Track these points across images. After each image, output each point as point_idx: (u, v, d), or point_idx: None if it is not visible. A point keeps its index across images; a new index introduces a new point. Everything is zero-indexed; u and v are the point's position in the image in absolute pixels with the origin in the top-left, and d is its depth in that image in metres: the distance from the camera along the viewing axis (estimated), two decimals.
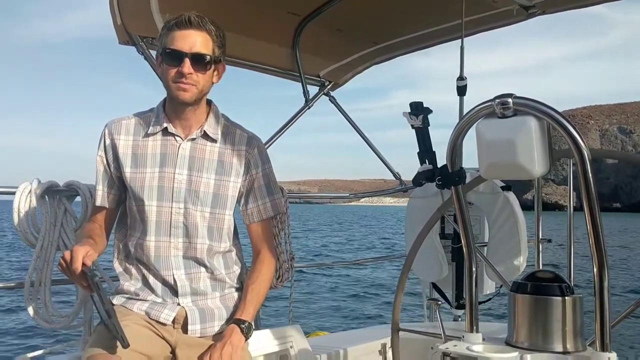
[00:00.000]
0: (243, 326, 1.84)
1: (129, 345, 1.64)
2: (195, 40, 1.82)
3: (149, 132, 1.93)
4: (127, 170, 1.91)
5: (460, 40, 3.19)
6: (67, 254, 1.63)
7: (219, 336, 1.88)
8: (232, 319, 1.88)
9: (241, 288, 2.05)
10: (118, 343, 1.69)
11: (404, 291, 2.24)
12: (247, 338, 1.84)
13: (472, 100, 1.57)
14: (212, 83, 1.93)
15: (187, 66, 1.81)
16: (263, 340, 2.32)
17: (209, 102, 1.99)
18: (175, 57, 1.81)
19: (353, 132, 3.82)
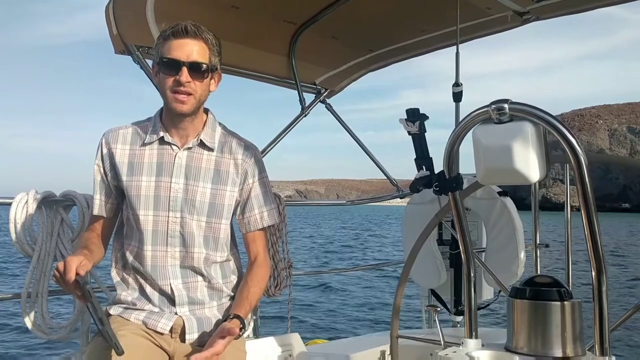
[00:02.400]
0: (241, 320, 1.81)
1: (123, 352, 1.63)
2: (192, 49, 1.83)
3: (145, 141, 1.93)
4: (124, 179, 1.91)
5: (455, 46, 3.21)
6: (61, 265, 1.63)
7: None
8: (230, 315, 1.83)
9: None
10: (114, 353, 1.68)
11: (402, 298, 2.23)
12: (242, 334, 1.82)
13: (481, 101, 1.57)
14: (209, 92, 1.93)
15: (184, 75, 1.81)
16: (262, 349, 2.32)
17: (206, 111, 1.99)
18: (172, 66, 1.82)
19: (360, 132, 3.86)
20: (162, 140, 1.92)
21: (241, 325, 1.80)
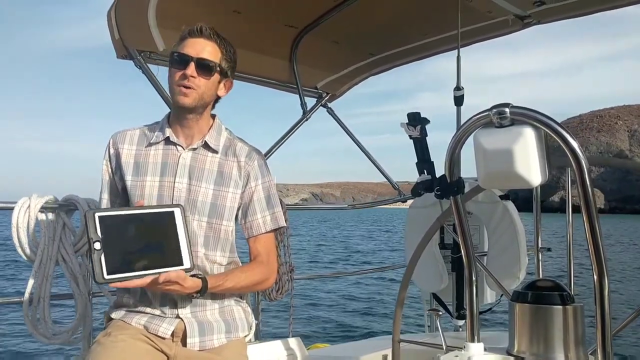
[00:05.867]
0: (203, 285, 1.78)
1: (103, 280, 1.62)
2: (204, 48, 1.89)
3: (151, 141, 1.96)
4: (128, 179, 1.93)
5: (456, 50, 3.21)
6: None
7: (218, 349, 1.87)
8: (200, 275, 1.81)
9: (241, 301, 2.04)
10: (116, 358, 1.70)
11: (404, 302, 2.23)
12: (196, 294, 1.79)
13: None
14: (218, 95, 1.97)
15: (191, 69, 1.86)
16: (264, 353, 2.32)
17: (213, 116, 2.03)
18: (181, 60, 1.88)
19: (376, 135, 3.86)
20: (167, 141, 1.96)
21: (198, 289, 1.77)
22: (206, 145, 1.96)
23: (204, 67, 1.88)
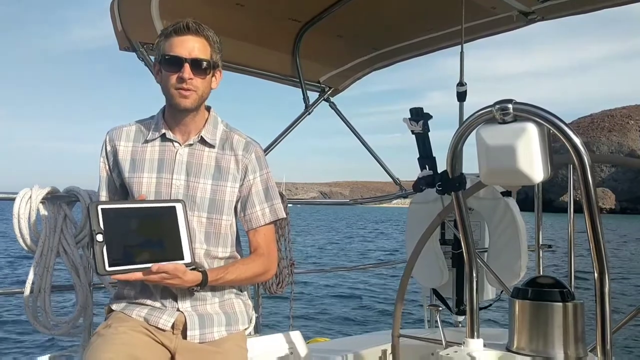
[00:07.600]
0: (204, 279, 1.79)
1: (105, 272, 1.65)
2: (194, 46, 1.85)
3: (147, 138, 1.95)
4: (126, 176, 1.93)
5: (460, 46, 3.20)
6: None
7: (218, 342, 1.87)
8: (200, 268, 1.82)
9: (241, 294, 2.04)
10: (116, 350, 1.70)
11: (404, 297, 2.23)
12: (196, 287, 1.81)
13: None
14: (211, 89, 1.95)
15: (187, 71, 1.83)
16: (263, 346, 2.32)
17: (208, 108, 2.01)
18: (174, 62, 1.84)
19: (386, 134, 3.84)
20: (164, 137, 1.95)
21: (199, 282, 1.79)
22: (202, 141, 1.95)
23: (199, 67, 1.86)
